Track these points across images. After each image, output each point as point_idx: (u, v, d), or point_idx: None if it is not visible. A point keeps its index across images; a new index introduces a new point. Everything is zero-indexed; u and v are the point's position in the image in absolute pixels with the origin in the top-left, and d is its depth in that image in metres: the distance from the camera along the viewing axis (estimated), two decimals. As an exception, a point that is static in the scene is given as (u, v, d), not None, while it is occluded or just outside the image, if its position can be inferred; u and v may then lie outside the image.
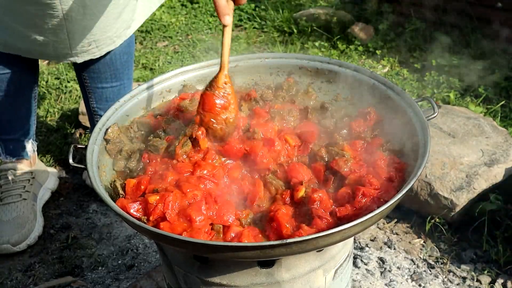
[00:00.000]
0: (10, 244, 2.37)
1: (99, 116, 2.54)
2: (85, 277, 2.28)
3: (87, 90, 2.50)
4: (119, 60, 2.41)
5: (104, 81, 2.46)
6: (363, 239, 2.40)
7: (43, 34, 2.08)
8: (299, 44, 3.93)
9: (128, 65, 2.49)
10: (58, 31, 2.08)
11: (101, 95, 2.50)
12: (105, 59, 2.36)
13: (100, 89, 2.48)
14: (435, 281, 2.19)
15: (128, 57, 2.46)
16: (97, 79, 2.44)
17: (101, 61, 2.37)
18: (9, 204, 2.46)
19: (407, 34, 3.83)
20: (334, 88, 1.77)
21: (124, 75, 2.49)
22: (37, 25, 2.04)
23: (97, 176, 1.45)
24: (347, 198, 1.39)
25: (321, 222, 1.33)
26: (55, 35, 2.09)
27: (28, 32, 2.07)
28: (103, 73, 2.42)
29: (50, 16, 2.01)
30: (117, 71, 2.44)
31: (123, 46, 2.37)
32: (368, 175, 1.42)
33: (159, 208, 1.37)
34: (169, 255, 1.53)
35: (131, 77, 2.55)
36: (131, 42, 2.44)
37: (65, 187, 2.75)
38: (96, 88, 2.48)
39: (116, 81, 2.48)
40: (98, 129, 1.59)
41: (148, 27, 4.30)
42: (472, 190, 2.31)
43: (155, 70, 3.74)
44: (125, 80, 2.51)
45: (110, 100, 2.51)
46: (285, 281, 1.41)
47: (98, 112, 2.55)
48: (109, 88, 2.49)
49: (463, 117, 2.62)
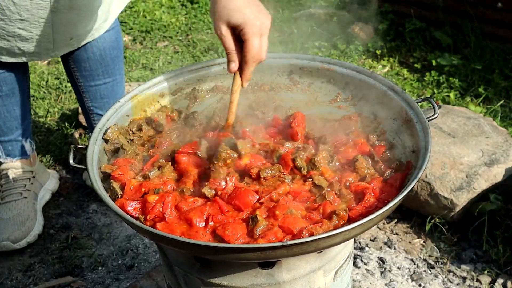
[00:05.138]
0: (10, 241, 2.37)
1: (96, 114, 2.55)
2: (85, 277, 2.28)
3: (81, 90, 2.50)
4: (109, 56, 2.41)
5: (96, 78, 2.45)
6: (363, 239, 2.40)
7: (28, 28, 2.04)
8: (299, 44, 3.93)
9: (119, 60, 2.49)
10: (44, 24, 2.05)
11: (95, 93, 2.50)
12: (95, 56, 2.37)
13: (93, 87, 2.48)
14: (435, 281, 2.19)
15: (118, 52, 2.46)
16: (89, 77, 2.44)
17: (91, 59, 2.38)
18: (10, 202, 2.46)
19: (407, 34, 3.83)
20: (334, 88, 1.77)
21: (116, 71, 2.49)
22: (23, 18, 2.00)
23: (97, 176, 1.45)
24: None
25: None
26: (40, 29, 2.06)
27: (12, 28, 2.02)
28: (94, 70, 2.42)
29: (38, 7, 1.98)
30: (109, 67, 2.44)
31: (111, 41, 2.38)
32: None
33: (157, 208, 1.38)
34: (169, 255, 1.53)
35: (122, 72, 2.56)
36: (118, 37, 2.44)
37: (65, 187, 2.75)
38: (90, 87, 2.48)
39: (109, 77, 2.48)
40: (99, 129, 1.59)
41: (148, 27, 4.30)
42: (472, 190, 2.31)
43: (155, 70, 3.74)
44: (117, 76, 2.51)
45: (104, 97, 2.51)
46: (286, 282, 1.41)
47: (94, 111, 2.55)
48: (102, 85, 2.49)
49: (463, 117, 2.62)
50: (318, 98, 1.78)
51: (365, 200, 1.39)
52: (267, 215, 1.36)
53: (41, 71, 3.63)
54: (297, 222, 1.33)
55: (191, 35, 4.24)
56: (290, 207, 1.36)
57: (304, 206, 1.42)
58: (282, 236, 1.31)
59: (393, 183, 1.44)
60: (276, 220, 1.34)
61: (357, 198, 1.43)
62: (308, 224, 1.33)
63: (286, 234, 1.32)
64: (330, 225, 1.33)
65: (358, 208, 1.38)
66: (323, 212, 1.38)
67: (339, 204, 1.40)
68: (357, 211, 1.37)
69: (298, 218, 1.34)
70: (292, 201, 1.40)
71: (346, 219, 1.36)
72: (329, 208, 1.38)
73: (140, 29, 4.29)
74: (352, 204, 1.41)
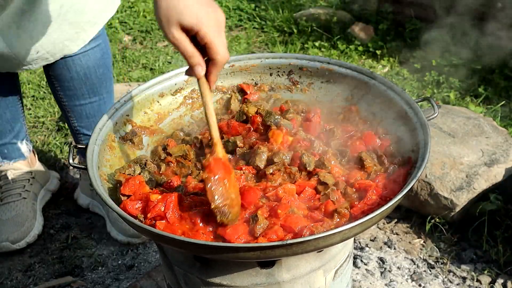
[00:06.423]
0: (9, 241, 2.37)
1: (83, 135, 2.42)
2: (85, 277, 2.28)
3: (66, 109, 2.37)
4: (94, 74, 2.27)
5: (81, 97, 2.32)
6: (363, 239, 2.40)
7: None
8: (299, 44, 3.93)
9: (106, 78, 2.34)
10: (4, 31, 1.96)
11: (81, 112, 2.36)
12: (78, 75, 2.24)
13: (78, 106, 2.34)
14: (435, 281, 2.19)
15: (105, 69, 2.31)
16: (74, 96, 2.31)
17: (75, 78, 2.25)
18: (9, 203, 2.46)
19: (407, 34, 3.83)
20: (334, 88, 1.77)
21: (102, 89, 2.34)
22: None
23: (97, 176, 1.45)
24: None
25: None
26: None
27: None
28: (79, 89, 2.29)
29: None
30: (94, 86, 2.30)
31: (96, 59, 2.25)
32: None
33: (159, 207, 1.37)
34: (169, 255, 1.53)
35: (110, 90, 2.41)
36: (105, 53, 2.29)
37: (65, 187, 2.75)
38: (74, 106, 2.34)
39: (94, 96, 2.34)
40: (99, 129, 1.58)
41: (148, 27, 4.30)
42: (472, 190, 2.31)
43: (155, 70, 3.75)
44: (104, 94, 2.36)
45: (91, 116, 2.37)
46: (286, 282, 1.41)
47: (81, 131, 2.42)
48: (88, 105, 2.35)
49: (463, 117, 2.62)
50: (318, 98, 1.78)
51: (367, 198, 1.39)
52: (269, 214, 1.36)
53: (41, 71, 3.63)
54: (298, 221, 1.32)
55: (191, 35, 4.24)
56: (292, 206, 1.36)
57: (306, 205, 1.42)
58: (283, 234, 1.31)
59: (396, 179, 1.44)
60: (278, 219, 1.34)
61: (359, 195, 1.43)
62: (310, 223, 1.33)
63: (287, 233, 1.32)
64: (331, 224, 1.34)
65: (360, 205, 1.38)
66: (324, 210, 1.38)
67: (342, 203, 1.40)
68: (359, 209, 1.37)
69: (299, 217, 1.34)
70: (294, 201, 1.40)
71: (348, 217, 1.36)
72: (331, 207, 1.38)
73: (140, 29, 4.29)
74: (354, 202, 1.41)
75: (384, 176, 1.47)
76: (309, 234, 1.28)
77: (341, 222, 1.35)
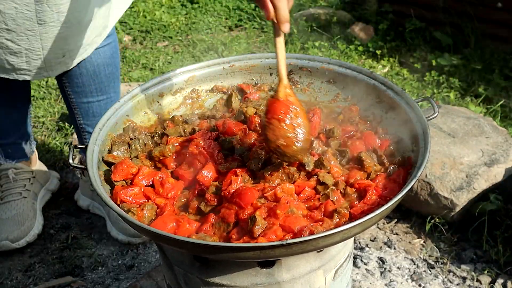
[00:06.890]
0: (9, 240, 2.37)
1: (87, 133, 2.43)
2: (85, 277, 2.28)
3: (73, 106, 2.37)
4: (103, 72, 2.29)
5: (89, 95, 2.33)
6: (363, 239, 2.40)
7: (15, 40, 1.96)
8: (299, 44, 3.93)
9: (114, 77, 2.36)
10: (31, 37, 1.96)
11: (87, 110, 2.37)
12: (88, 71, 2.25)
13: (85, 104, 2.36)
14: (435, 281, 2.19)
15: (113, 68, 2.33)
16: (82, 93, 2.32)
17: (84, 75, 2.26)
18: (9, 202, 2.46)
19: (407, 34, 3.83)
20: (334, 88, 1.77)
21: (110, 88, 2.36)
22: (9, 27, 1.92)
23: (97, 176, 1.45)
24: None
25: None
26: (28, 42, 1.98)
27: (0, 38, 1.95)
28: (87, 86, 2.30)
29: (23, 17, 1.89)
30: (102, 84, 2.32)
31: (106, 57, 2.27)
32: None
33: None
34: (169, 255, 1.53)
35: (118, 90, 2.43)
36: (114, 53, 2.31)
37: (65, 187, 2.75)
38: (82, 103, 2.35)
39: (102, 95, 2.35)
40: (99, 129, 1.59)
41: (148, 27, 4.30)
42: (472, 190, 2.31)
43: (155, 70, 3.75)
44: (112, 94, 2.38)
45: (97, 115, 2.38)
46: (285, 282, 1.41)
47: (86, 129, 2.43)
48: (95, 103, 2.36)
49: (463, 117, 2.62)
50: (318, 98, 1.78)
51: (367, 198, 1.39)
52: (268, 214, 1.36)
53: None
54: (298, 221, 1.32)
55: (191, 35, 4.24)
56: (291, 206, 1.36)
57: (305, 205, 1.42)
58: (282, 234, 1.31)
59: (396, 179, 1.44)
60: (277, 219, 1.34)
61: (359, 195, 1.43)
62: (309, 222, 1.33)
63: (287, 233, 1.32)
64: (331, 223, 1.33)
65: (360, 205, 1.38)
66: (324, 210, 1.38)
67: (342, 203, 1.40)
68: (359, 209, 1.37)
69: (299, 217, 1.34)
70: (293, 201, 1.40)
71: (348, 217, 1.36)
72: (331, 207, 1.38)
73: (140, 29, 4.29)
74: (354, 202, 1.41)
75: (384, 176, 1.46)
76: (308, 234, 1.28)
77: (341, 222, 1.35)
